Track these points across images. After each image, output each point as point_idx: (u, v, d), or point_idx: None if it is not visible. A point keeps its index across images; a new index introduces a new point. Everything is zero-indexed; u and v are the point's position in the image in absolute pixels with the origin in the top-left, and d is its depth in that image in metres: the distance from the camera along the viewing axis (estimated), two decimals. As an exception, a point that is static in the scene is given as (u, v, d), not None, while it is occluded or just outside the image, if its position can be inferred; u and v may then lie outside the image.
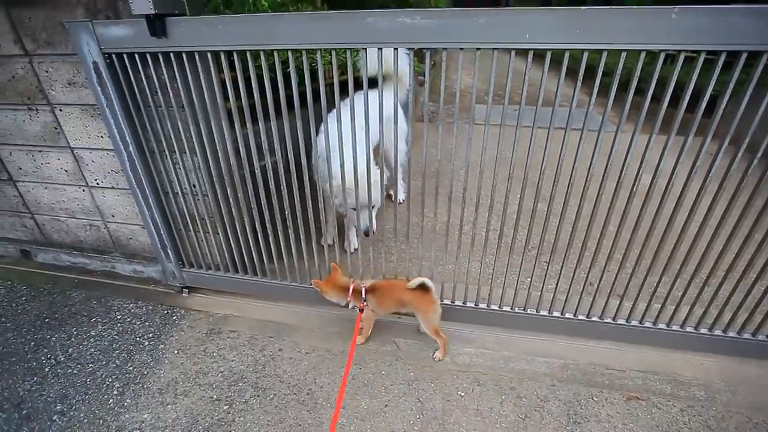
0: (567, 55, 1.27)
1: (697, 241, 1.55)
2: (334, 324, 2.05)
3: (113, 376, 1.81)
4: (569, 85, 1.26)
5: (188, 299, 2.23)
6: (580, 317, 1.82)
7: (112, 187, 2.04)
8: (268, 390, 1.73)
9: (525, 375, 1.77)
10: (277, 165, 1.71)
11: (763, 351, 1.71)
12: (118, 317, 2.12)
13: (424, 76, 1.48)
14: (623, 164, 1.44)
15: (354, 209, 1.97)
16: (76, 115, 1.86)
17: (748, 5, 1.06)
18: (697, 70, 1.22)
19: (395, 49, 1.38)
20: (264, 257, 2.05)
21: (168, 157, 1.83)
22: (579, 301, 1.81)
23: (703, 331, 1.73)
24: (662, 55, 1.20)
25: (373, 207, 1.99)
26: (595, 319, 1.81)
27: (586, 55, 1.27)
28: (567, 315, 1.83)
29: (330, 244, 2.30)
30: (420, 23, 1.28)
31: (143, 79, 1.63)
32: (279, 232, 1.92)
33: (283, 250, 1.98)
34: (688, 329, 1.74)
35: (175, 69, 1.56)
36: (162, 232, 2.02)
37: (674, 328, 1.75)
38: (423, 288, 1.72)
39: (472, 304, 1.92)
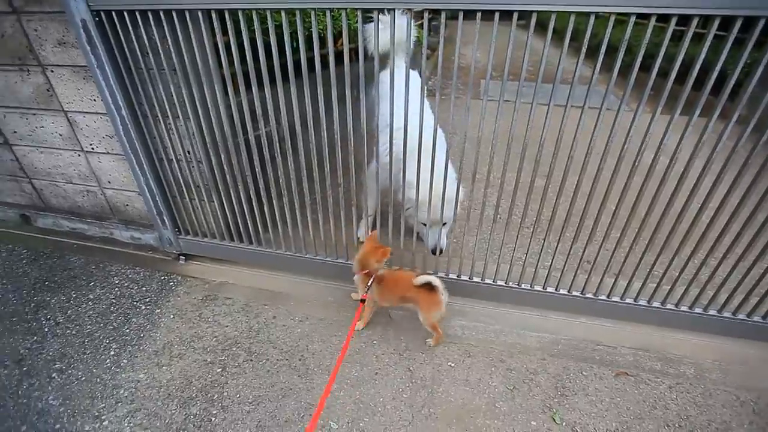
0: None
1: (697, 221, 1.52)
2: (328, 293, 2.06)
3: (110, 338, 1.85)
4: (572, 60, 1.20)
5: (185, 266, 2.25)
6: (575, 293, 1.81)
7: (107, 153, 2.02)
8: (261, 355, 1.76)
9: (516, 348, 1.78)
10: (272, 134, 1.68)
11: (757, 332, 1.70)
12: (116, 282, 2.15)
13: (428, 48, 1.41)
14: (625, 140, 1.39)
15: (424, 224, 1.88)
16: (68, 77, 1.82)
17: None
18: (707, 44, 1.15)
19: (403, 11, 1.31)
20: (259, 226, 2.04)
21: (162, 122, 1.80)
22: (574, 278, 1.80)
23: (697, 311, 1.72)
24: (671, 28, 1.13)
25: (444, 224, 1.90)
26: (589, 295, 1.80)
27: (591, 25, 1.19)
28: (561, 291, 1.82)
29: (362, 242, 2.14)
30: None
31: (134, 39, 1.58)
32: (274, 202, 1.91)
33: (277, 220, 1.97)
34: (683, 308, 1.73)
35: (166, 29, 1.51)
36: (157, 199, 2.02)
37: (669, 307, 1.74)
38: (429, 287, 1.61)
39: (467, 278, 1.91)
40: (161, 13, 1.47)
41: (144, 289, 2.10)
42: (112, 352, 1.78)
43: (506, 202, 1.68)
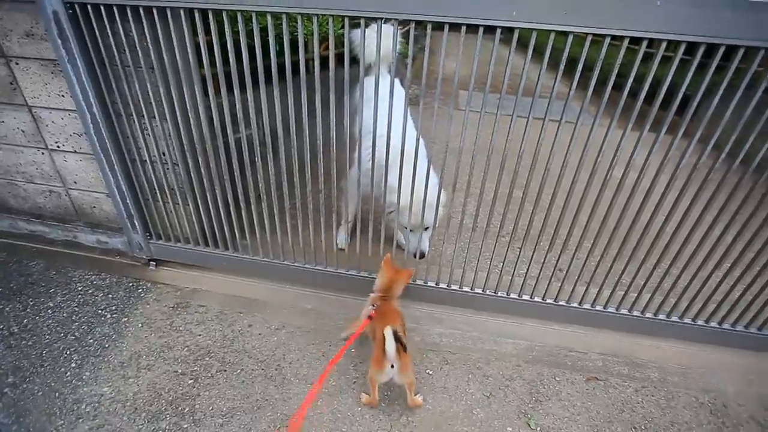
0: (552, 36, 1.26)
1: (661, 233, 1.62)
2: (306, 301, 2.03)
3: (71, 349, 1.73)
4: (550, 76, 1.27)
5: (155, 272, 2.15)
6: (548, 301, 1.87)
7: (75, 151, 1.92)
8: (236, 365, 1.70)
9: (492, 355, 1.81)
10: (252, 137, 1.65)
11: (715, 337, 1.82)
12: (79, 289, 2.03)
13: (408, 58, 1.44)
14: (597, 156, 1.46)
15: (407, 228, 1.88)
16: (35, 71, 1.72)
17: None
18: (674, 67, 1.24)
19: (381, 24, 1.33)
20: (236, 231, 1.99)
21: (136, 121, 1.73)
22: (548, 286, 1.86)
23: (661, 317, 1.81)
24: (642, 50, 1.22)
25: (426, 229, 1.90)
26: (562, 303, 1.86)
27: (569, 44, 1.26)
28: (536, 299, 1.88)
29: (342, 248, 2.15)
30: (406, -6, 1.24)
31: (109, 34, 1.52)
32: (252, 207, 1.87)
33: (256, 225, 1.93)
34: (648, 315, 1.82)
35: (145, 26, 1.46)
36: (128, 202, 1.93)
37: (635, 314, 1.83)
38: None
39: (445, 285, 1.94)
40: (141, 10, 1.42)
41: (110, 296, 1.99)
42: (73, 364, 1.67)
43: (484, 211, 1.71)
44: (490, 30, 1.29)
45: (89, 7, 1.45)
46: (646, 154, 1.45)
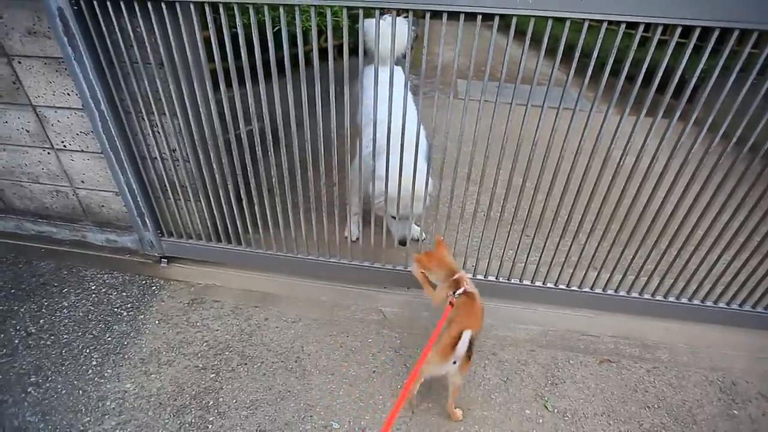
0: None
1: (672, 218, 1.64)
2: (320, 293, 2.05)
3: (91, 347, 1.74)
4: (547, 63, 1.28)
5: (168, 269, 2.15)
6: (561, 287, 1.90)
7: (82, 150, 1.90)
8: (255, 358, 1.72)
9: (507, 341, 1.85)
10: (264, 130, 1.64)
11: (723, 317, 1.86)
12: (92, 288, 2.03)
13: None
14: (610, 144, 1.47)
15: (393, 217, 1.89)
16: (38, 69, 1.69)
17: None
18: (687, 54, 1.25)
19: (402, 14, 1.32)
20: (248, 226, 1.99)
21: (145, 118, 1.71)
22: (560, 272, 1.89)
23: (671, 299, 1.85)
24: (656, 38, 1.22)
25: (412, 217, 1.91)
26: (574, 288, 1.89)
27: (566, 31, 1.26)
28: (548, 285, 1.91)
29: (354, 241, 2.16)
30: (422, -17, 1.23)
31: (117, 30, 1.49)
32: (265, 201, 1.87)
33: (268, 219, 1.94)
34: (658, 298, 1.86)
35: (153, 21, 1.44)
36: (139, 199, 1.92)
37: (645, 296, 1.86)
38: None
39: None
40: (149, 4, 1.40)
41: (124, 294, 2.00)
42: (93, 362, 1.68)
43: (497, 202, 1.73)
44: (489, 17, 1.28)
45: (95, 2, 1.42)
46: (657, 141, 1.47)
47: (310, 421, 1.51)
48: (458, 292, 1.44)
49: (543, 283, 1.91)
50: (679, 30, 1.22)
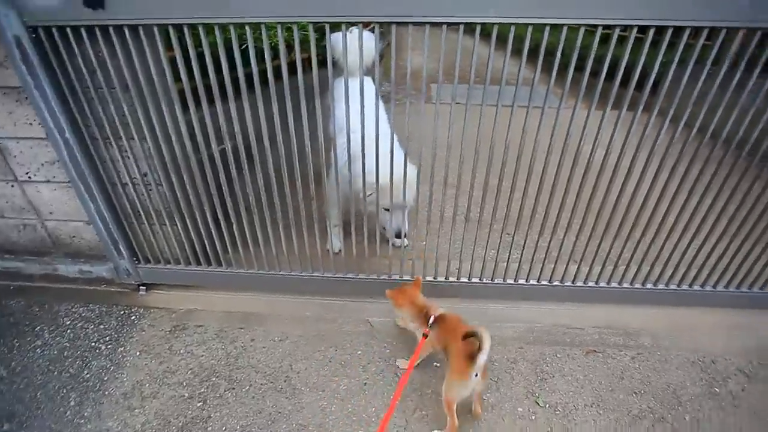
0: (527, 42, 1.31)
1: (644, 208, 1.70)
2: (305, 309, 2.02)
3: (68, 387, 1.66)
4: (514, 63, 1.32)
5: (146, 297, 2.09)
6: (543, 283, 1.94)
7: (48, 181, 1.83)
8: (243, 381, 1.68)
9: (495, 341, 1.83)
10: (238, 149, 1.63)
11: (699, 299, 1.93)
12: (67, 323, 1.95)
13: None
14: (580, 139, 1.52)
15: (387, 209, 1.89)
16: (-3, 100, 1.63)
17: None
18: (645, 49, 1.32)
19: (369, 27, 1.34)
20: (228, 246, 1.96)
21: (114, 144, 1.67)
22: (541, 268, 1.92)
23: (648, 286, 1.92)
24: (615, 36, 1.29)
25: (405, 207, 1.92)
26: (556, 283, 1.93)
27: (529, 32, 1.32)
28: (531, 282, 1.94)
29: (336, 253, 2.16)
30: (385, -5, 1.25)
31: (78, 56, 1.46)
32: (243, 219, 1.84)
33: (248, 238, 1.91)
34: (637, 286, 1.92)
35: (116, 45, 1.41)
36: (111, 227, 1.86)
37: (625, 285, 1.92)
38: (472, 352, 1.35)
39: (443, 279, 1.97)
40: (111, 29, 1.37)
41: (102, 327, 1.92)
42: (72, 402, 1.61)
43: (476, 203, 1.75)
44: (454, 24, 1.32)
45: (54, 29, 1.39)
46: (625, 133, 1.53)
47: (304, 441, 1.48)
48: (431, 321, 1.56)
49: (526, 281, 1.94)
50: (635, 28, 1.28)
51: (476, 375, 1.38)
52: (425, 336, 1.56)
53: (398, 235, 1.99)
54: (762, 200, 1.63)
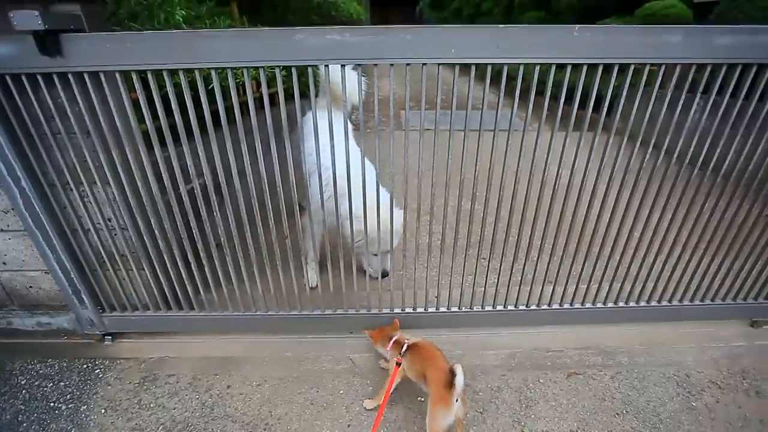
0: (489, 68, 1.36)
1: (611, 226, 1.76)
2: (285, 349, 1.95)
3: (23, 454, 1.52)
4: (479, 88, 1.37)
5: (112, 347, 1.96)
6: (521, 307, 1.96)
7: (1, 230, 1.73)
8: (220, 433, 1.59)
9: (478, 370, 1.85)
10: (206, 187, 1.59)
11: (670, 314, 2.00)
12: (22, 383, 1.80)
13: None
14: (546, 161, 1.57)
15: (375, 254, 1.92)
16: (-56, 149, 1.54)
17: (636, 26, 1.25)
18: (598, 78, 1.40)
19: (342, 66, 1.37)
20: (200, 288, 1.88)
21: (74, 190, 1.60)
22: (518, 292, 1.94)
23: (621, 304, 1.97)
24: (569, 67, 1.36)
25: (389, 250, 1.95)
26: (533, 307, 1.96)
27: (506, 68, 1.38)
28: (509, 307, 1.95)
29: (313, 287, 2.13)
30: (349, 40, 1.29)
31: (34, 103, 1.41)
32: (214, 259, 1.78)
33: (220, 277, 1.84)
34: (610, 305, 1.97)
35: (76, 91, 1.37)
36: (73, 276, 1.76)
37: (598, 305, 1.96)
38: (449, 379, 1.41)
39: (422, 309, 1.96)
40: (70, 76, 1.34)
41: (62, 384, 1.78)
42: (27, 472, 1.47)
43: (450, 229, 1.77)
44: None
45: (8, 77, 1.34)
46: (586, 156, 1.59)
47: (287, 495, 1.40)
48: (403, 349, 1.62)
49: (504, 306, 1.96)
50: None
51: (457, 401, 1.43)
52: (398, 364, 1.60)
53: (384, 275, 1.99)
54: (716, 213, 1.72)
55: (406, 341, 1.66)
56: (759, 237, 1.81)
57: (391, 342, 1.70)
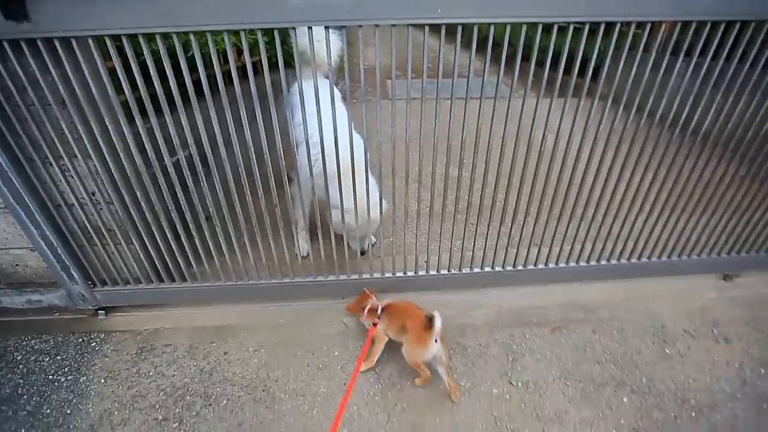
0: (475, 32, 1.35)
1: (594, 188, 1.81)
2: (278, 315, 2.00)
3: (26, 426, 1.56)
4: (465, 55, 1.36)
5: (106, 321, 1.98)
6: (508, 268, 2.02)
7: (-19, 208, 1.69)
8: (220, 396, 1.65)
9: (467, 328, 1.93)
10: (192, 158, 1.57)
11: (649, 270, 2.09)
12: (18, 358, 1.81)
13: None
14: (531, 126, 1.59)
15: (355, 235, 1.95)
16: None
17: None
18: (584, 38, 1.40)
19: (326, 28, 1.33)
20: (191, 260, 1.89)
21: (54, 164, 1.56)
22: (505, 254, 2.00)
23: (603, 262, 2.05)
24: (555, 28, 1.35)
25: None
26: (519, 267, 2.02)
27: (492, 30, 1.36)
28: (496, 268, 2.02)
29: (305, 256, 2.16)
30: (334, 1, 1.25)
31: (3, 72, 1.34)
32: (204, 230, 1.78)
33: (211, 249, 1.85)
34: (592, 263, 2.05)
35: (47, 59, 1.31)
36: (60, 252, 1.74)
37: (582, 264, 2.04)
38: (427, 324, 1.55)
39: (412, 273, 2.01)
40: (39, 42, 1.27)
41: (59, 358, 1.81)
42: (32, 441, 1.51)
43: (439, 195, 1.80)
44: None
45: (-27, 44, 1.27)
46: (572, 118, 1.61)
47: (289, 449, 1.47)
48: (379, 311, 1.74)
49: (492, 267, 2.02)
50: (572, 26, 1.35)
51: (436, 341, 1.54)
52: (374, 325, 1.72)
53: (363, 253, 2.06)
54: (695, 173, 1.78)
55: (379, 305, 1.76)
56: (733, 195, 1.89)
57: (366, 310, 1.78)
